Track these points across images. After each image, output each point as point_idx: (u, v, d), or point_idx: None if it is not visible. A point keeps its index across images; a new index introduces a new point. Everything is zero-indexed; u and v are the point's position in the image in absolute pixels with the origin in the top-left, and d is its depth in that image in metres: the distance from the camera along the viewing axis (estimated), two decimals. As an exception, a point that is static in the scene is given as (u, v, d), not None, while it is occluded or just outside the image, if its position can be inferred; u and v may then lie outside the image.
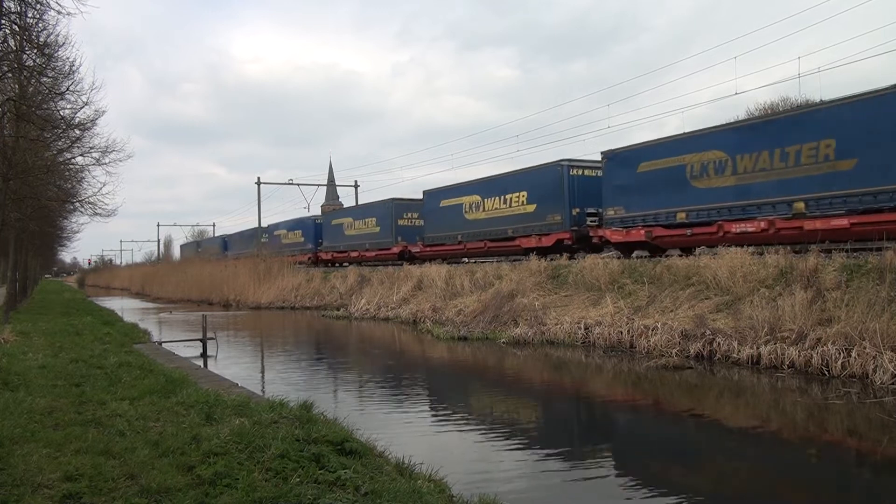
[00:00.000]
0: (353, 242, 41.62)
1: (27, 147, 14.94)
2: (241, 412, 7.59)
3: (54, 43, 13.25)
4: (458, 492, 6.23)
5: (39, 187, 18.09)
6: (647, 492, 6.85)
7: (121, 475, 5.20)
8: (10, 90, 13.08)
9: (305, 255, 48.41)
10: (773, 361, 12.73)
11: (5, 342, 13.85)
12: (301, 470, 5.46)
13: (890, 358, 11.06)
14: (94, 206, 21.36)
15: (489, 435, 9.45)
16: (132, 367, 11.13)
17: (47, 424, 6.87)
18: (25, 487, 4.82)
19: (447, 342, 19.32)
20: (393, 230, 37.33)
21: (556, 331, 17.90)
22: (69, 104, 15.52)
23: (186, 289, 52.25)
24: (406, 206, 37.88)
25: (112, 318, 26.18)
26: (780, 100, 40.08)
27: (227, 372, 14.00)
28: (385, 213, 38.18)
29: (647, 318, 16.34)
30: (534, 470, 7.80)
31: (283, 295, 39.50)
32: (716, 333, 14.16)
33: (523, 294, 20.78)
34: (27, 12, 9.68)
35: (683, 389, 12.34)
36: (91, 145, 18.38)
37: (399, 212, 37.52)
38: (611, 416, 11.22)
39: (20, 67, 11.52)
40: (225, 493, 4.89)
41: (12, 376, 9.35)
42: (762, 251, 16.62)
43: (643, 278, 18.44)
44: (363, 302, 29.88)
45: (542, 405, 12.17)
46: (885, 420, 9.23)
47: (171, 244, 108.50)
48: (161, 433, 6.55)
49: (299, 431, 6.68)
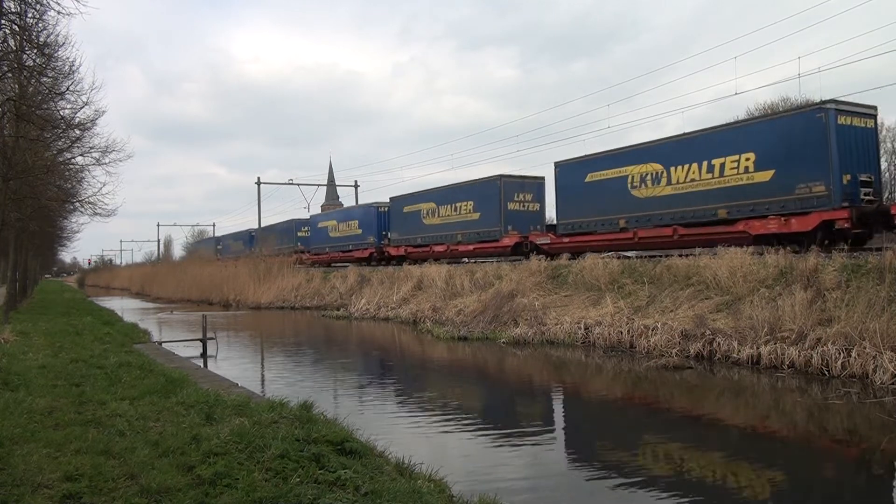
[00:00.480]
0: (439, 233, 33.00)
1: (27, 147, 14.93)
2: (241, 412, 7.59)
3: (54, 43, 13.27)
4: (458, 492, 6.23)
5: (39, 187, 18.07)
6: (647, 491, 6.85)
7: (121, 475, 5.21)
8: (10, 90, 13.07)
9: (364, 250, 40.24)
10: (773, 361, 12.73)
11: (5, 342, 13.85)
12: (301, 470, 5.47)
13: (890, 358, 11.06)
14: (94, 206, 21.36)
15: (489, 435, 9.46)
16: (132, 367, 11.13)
17: (47, 424, 6.87)
18: (25, 487, 4.83)
19: (447, 342, 19.32)
20: (501, 216, 28.67)
21: (556, 331, 17.90)
22: (69, 104, 15.55)
23: (186, 289, 52.27)
24: (518, 184, 29.23)
25: (112, 318, 26.19)
26: (780, 100, 40.03)
27: (227, 372, 14.01)
28: (489, 193, 29.40)
29: (647, 318, 16.35)
30: (534, 470, 7.81)
31: (283, 295, 39.51)
32: (716, 333, 14.16)
33: (523, 294, 20.78)
34: (27, 12, 9.68)
35: (683, 389, 12.33)
36: (91, 145, 18.41)
37: (509, 192, 28.78)
38: (611, 415, 11.21)
39: (20, 67, 11.51)
40: (225, 493, 4.89)
41: (12, 376, 9.35)
42: (762, 251, 16.61)
43: (643, 278, 18.44)
44: (363, 302, 29.88)
45: (542, 405, 12.16)
46: (885, 420, 9.23)
47: (171, 244, 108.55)
48: (161, 433, 6.55)
49: (299, 431, 6.68)
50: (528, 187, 29.21)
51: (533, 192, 29.30)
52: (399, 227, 36.64)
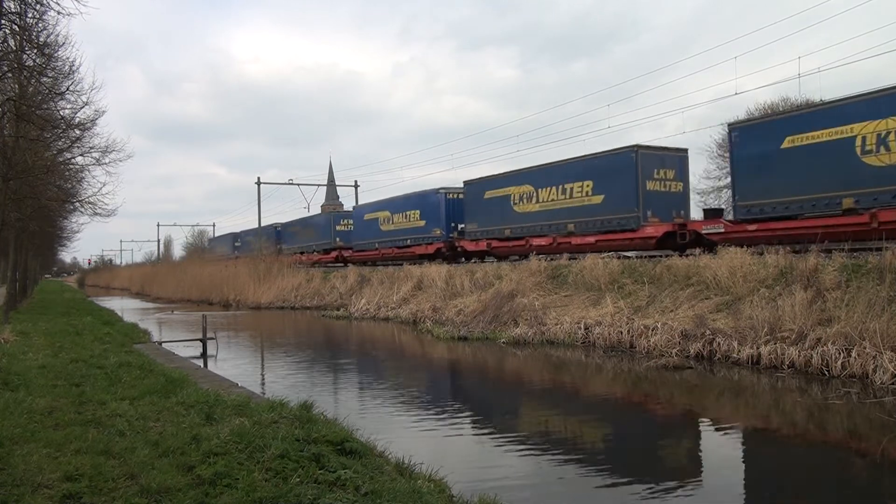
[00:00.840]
0: (539, 222, 26.12)
1: (27, 147, 14.94)
2: (241, 412, 7.59)
3: (54, 43, 13.30)
4: (458, 492, 6.23)
5: (39, 187, 18.08)
6: (647, 491, 6.85)
7: (121, 475, 5.21)
8: (10, 90, 13.08)
9: (429, 245, 33.38)
10: (772, 361, 12.73)
11: (5, 342, 13.85)
12: (301, 470, 5.47)
13: (890, 358, 11.06)
14: (94, 206, 21.39)
15: (489, 435, 9.46)
16: (132, 367, 11.14)
17: (47, 424, 6.88)
18: (25, 487, 4.83)
19: (447, 342, 19.32)
20: (639, 198, 22.04)
21: (556, 331, 17.91)
22: (69, 104, 15.58)
23: (186, 289, 52.25)
24: (657, 157, 22.68)
25: (112, 318, 26.19)
26: (780, 100, 39.99)
27: (227, 372, 14.01)
28: (618, 169, 22.69)
29: (647, 318, 16.35)
30: (534, 470, 7.80)
31: (283, 295, 39.49)
32: (716, 333, 14.17)
33: (523, 294, 20.78)
34: (27, 12, 9.68)
35: (683, 389, 12.33)
36: (91, 145, 18.45)
37: (647, 168, 22.29)
38: (611, 415, 11.20)
39: (20, 67, 11.51)
40: (225, 493, 4.89)
41: (12, 376, 9.36)
42: (762, 251, 16.60)
43: (643, 278, 18.45)
44: (363, 302, 29.88)
45: (542, 405, 12.16)
46: (885, 420, 9.23)
47: (171, 244, 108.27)
48: (161, 433, 6.55)
49: (299, 431, 6.68)
50: (670, 161, 22.83)
51: (675, 167, 22.88)
52: (478, 216, 30.01)
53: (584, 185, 24.17)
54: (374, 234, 38.90)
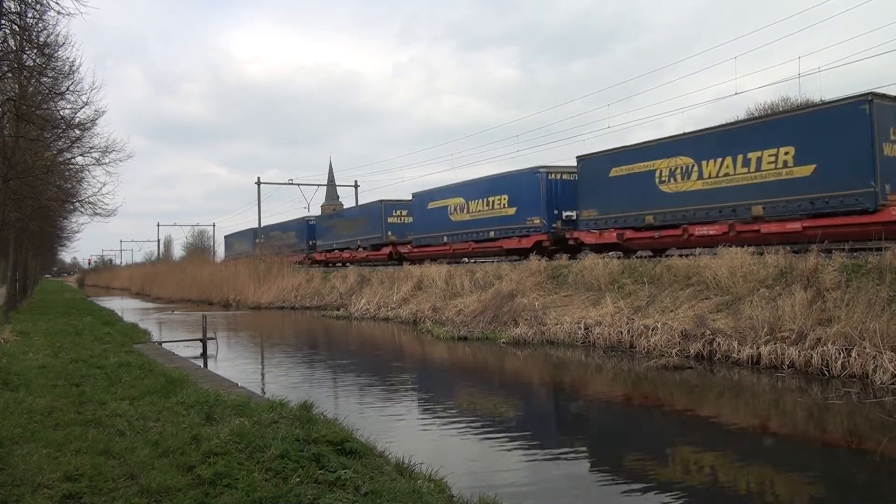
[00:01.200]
0: (703, 206, 19.30)
1: (27, 147, 14.94)
2: (241, 412, 7.59)
3: (54, 43, 13.29)
4: (458, 492, 6.23)
5: (39, 187, 18.09)
6: (647, 491, 6.85)
7: (121, 475, 5.21)
8: (10, 90, 13.08)
9: (523, 237, 26.53)
10: (773, 361, 12.73)
11: (5, 342, 13.85)
12: (301, 470, 5.46)
13: (890, 358, 11.06)
14: (94, 206, 21.39)
15: (489, 435, 9.45)
16: (132, 367, 11.13)
17: (47, 424, 6.87)
18: (25, 487, 4.82)
19: (447, 342, 19.32)
20: (876, 168, 15.42)
21: (556, 331, 17.90)
22: (69, 104, 15.58)
23: (186, 289, 52.26)
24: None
25: (112, 318, 26.19)
26: (780, 100, 40.03)
27: (227, 372, 14.01)
28: (842, 122, 16.00)
29: (647, 318, 16.34)
30: (534, 470, 7.80)
31: (282, 295, 39.48)
32: (716, 333, 14.16)
33: (523, 294, 20.78)
34: (27, 12, 9.69)
35: (683, 389, 12.34)
36: (91, 145, 18.45)
37: (884, 124, 15.57)
38: (611, 416, 11.21)
39: (20, 67, 11.52)
40: (225, 493, 4.89)
41: (12, 376, 9.35)
42: (762, 251, 16.60)
43: (643, 278, 18.44)
44: (363, 302, 29.88)
45: (542, 405, 12.17)
46: (885, 420, 9.23)
47: (171, 244, 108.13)
48: (161, 433, 6.55)
49: (299, 431, 6.68)
50: None
51: None
52: (594, 200, 23.28)
53: (781, 152, 17.16)
54: (443, 225, 31.68)
